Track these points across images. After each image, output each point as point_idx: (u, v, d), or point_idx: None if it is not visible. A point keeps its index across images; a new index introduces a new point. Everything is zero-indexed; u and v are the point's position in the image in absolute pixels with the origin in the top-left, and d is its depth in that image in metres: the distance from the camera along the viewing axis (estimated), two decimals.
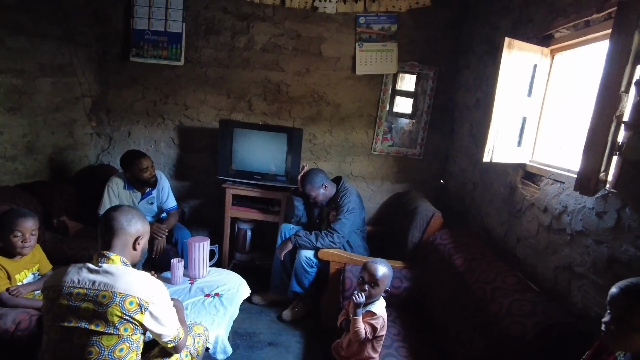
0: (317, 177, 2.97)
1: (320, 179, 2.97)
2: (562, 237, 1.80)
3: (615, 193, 1.48)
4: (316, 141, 3.61)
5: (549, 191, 1.94)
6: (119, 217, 1.53)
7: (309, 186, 2.95)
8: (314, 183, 2.95)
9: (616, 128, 1.45)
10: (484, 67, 2.92)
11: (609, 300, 1.12)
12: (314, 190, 2.95)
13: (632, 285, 1.09)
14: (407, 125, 4.77)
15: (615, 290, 1.11)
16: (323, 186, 2.97)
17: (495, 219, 2.53)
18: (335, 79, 3.50)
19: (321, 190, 2.96)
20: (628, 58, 1.22)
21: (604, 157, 1.27)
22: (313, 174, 2.99)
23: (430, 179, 3.66)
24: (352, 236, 2.94)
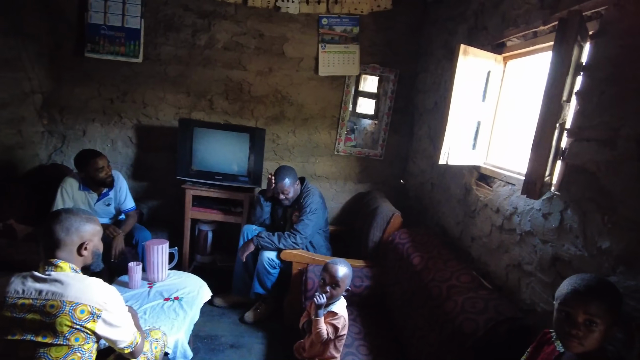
0: (292, 172, 2.96)
1: (294, 176, 2.97)
2: (512, 236, 1.89)
3: (559, 195, 1.58)
4: (279, 141, 3.61)
5: (501, 193, 2.04)
6: (55, 229, 1.45)
7: (286, 181, 2.91)
8: (290, 178, 2.93)
9: (559, 135, 1.55)
10: (442, 71, 3.01)
11: (567, 302, 1.14)
12: (289, 187, 2.92)
13: (592, 282, 1.14)
14: (370, 125, 4.85)
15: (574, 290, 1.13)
16: (296, 184, 2.97)
17: (451, 218, 2.62)
18: (298, 80, 3.51)
19: (294, 187, 2.95)
20: (568, 70, 1.30)
21: (549, 162, 1.35)
22: (290, 169, 2.97)
23: (391, 179, 3.74)
24: (315, 237, 2.96)
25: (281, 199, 2.95)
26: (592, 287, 1.13)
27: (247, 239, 3.00)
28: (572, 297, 1.14)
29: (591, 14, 1.52)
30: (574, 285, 1.15)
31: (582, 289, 1.13)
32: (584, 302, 1.11)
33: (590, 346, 1.12)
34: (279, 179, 2.92)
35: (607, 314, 1.10)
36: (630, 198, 1.28)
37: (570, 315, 1.13)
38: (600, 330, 1.10)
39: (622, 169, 1.32)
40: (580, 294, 1.13)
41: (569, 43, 1.26)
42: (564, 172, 1.56)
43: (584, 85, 1.49)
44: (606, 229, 1.36)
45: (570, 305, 1.14)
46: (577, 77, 1.50)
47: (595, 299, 1.11)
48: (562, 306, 1.16)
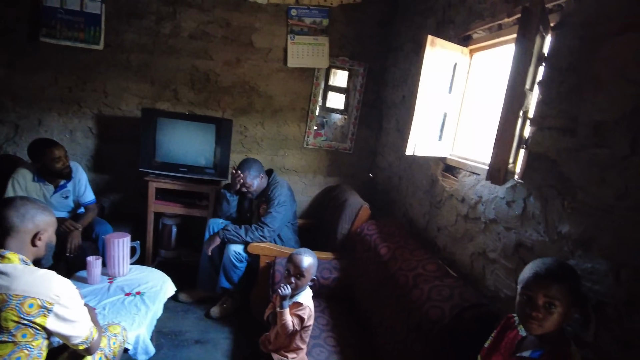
0: (256, 165, 2.90)
1: (258, 168, 2.91)
2: (477, 225, 1.92)
3: (522, 183, 1.62)
4: (247, 133, 3.54)
5: (466, 183, 2.07)
6: (9, 214, 1.36)
7: (247, 173, 2.85)
8: (252, 170, 2.87)
9: (523, 123, 1.58)
10: (410, 64, 3.04)
11: (529, 285, 1.17)
12: (251, 178, 2.87)
13: (552, 266, 1.17)
14: (340, 120, 4.84)
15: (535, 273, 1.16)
16: (260, 176, 2.91)
17: (418, 209, 2.65)
18: (267, 71, 3.45)
19: (257, 180, 2.89)
20: (531, 59, 1.32)
21: (512, 149, 1.38)
22: (252, 162, 2.92)
23: (360, 173, 3.75)
24: (283, 229, 2.93)
25: (244, 191, 2.90)
26: (552, 270, 1.16)
27: (213, 232, 2.93)
28: (533, 281, 1.17)
29: (552, 7, 1.56)
30: (535, 269, 1.19)
31: (543, 272, 1.16)
32: (544, 285, 1.15)
33: (549, 327, 1.15)
34: (240, 171, 2.86)
35: (565, 296, 1.13)
36: (588, 184, 1.32)
37: (531, 298, 1.17)
38: (559, 312, 1.14)
39: (580, 156, 1.36)
40: (540, 278, 1.16)
41: (532, 33, 1.28)
42: (527, 160, 1.60)
43: (546, 75, 1.52)
44: (566, 215, 1.40)
45: (531, 289, 1.17)
46: (540, 67, 1.54)
47: (554, 282, 1.14)
48: (523, 290, 1.20)
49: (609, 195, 1.23)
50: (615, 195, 1.21)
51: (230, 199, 2.96)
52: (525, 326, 1.19)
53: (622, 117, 1.21)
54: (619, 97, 1.23)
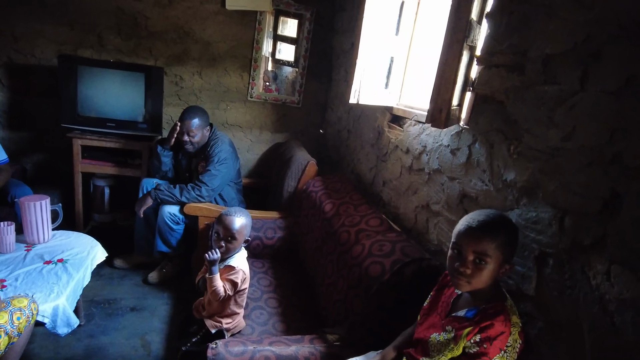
0: (204, 115, 2.64)
1: (205, 119, 2.64)
2: (421, 176, 1.81)
3: (468, 129, 1.49)
4: (183, 84, 3.22)
5: (411, 132, 1.93)
6: None
7: (195, 120, 2.58)
8: (201, 119, 2.61)
9: (469, 62, 1.42)
10: (358, 8, 2.79)
11: (459, 239, 1.08)
12: (197, 128, 2.60)
13: (487, 219, 1.06)
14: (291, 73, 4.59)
15: (467, 226, 1.07)
16: (205, 128, 2.65)
17: (365, 164, 2.51)
18: (203, 13, 3.10)
19: (200, 132, 2.63)
20: None
21: (456, 90, 1.22)
22: (202, 110, 2.65)
23: (310, 128, 3.55)
24: (225, 189, 2.72)
25: (185, 141, 2.61)
26: (485, 223, 1.06)
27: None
28: (464, 234, 1.08)
29: None
30: (467, 222, 1.09)
31: (475, 225, 1.07)
32: (474, 239, 1.05)
33: (478, 285, 1.07)
34: (186, 117, 2.60)
35: (497, 251, 1.04)
36: (535, 125, 1.20)
37: (461, 252, 1.07)
38: (490, 269, 1.04)
39: (527, 95, 1.23)
40: (471, 231, 1.06)
41: None
42: (473, 104, 1.46)
43: (495, 5, 1.36)
44: (511, 161, 1.28)
45: (461, 243, 1.08)
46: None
47: (486, 235, 1.04)
48: (454, 243, 1.11)
49: (555, 136, 1.11)
50: (562, 136, 1.09)
51: (163, 156, 2.69)
52: (454, 282, 1.10)
53: (573, 47, 1.08)
54: (570, 25, 1.09)
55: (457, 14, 1.15)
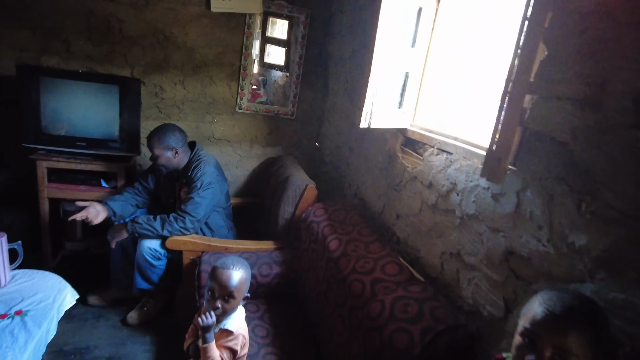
0: (171, 134, 2.30)
1: (173, 139, 2.30)
2: (450, 219, 1.52)
3: (515, 171, 1.21)
4: (164, 95, 2.88)
5: (434, 163, 1.65)
6: None
7: (155, 139, 2.27)
8: (163, 140, 2.26)
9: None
10: (360, 11, 2.50)
11: (535, 327, 0.82)
12: (159, 149, 2.27)
13: (573, 304, 0.82)
14: (281, 78, 4.28)
15: (546, 312, 0.82)
16: (173, 150, 2.30)
17: (372, 189, 2.22)
18: (185, 16, 2.76)
19: (168, 153, 2.29)
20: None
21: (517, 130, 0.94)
22: (167, 129, 2.32)
23: (304, 142, 3.24)
24: (212, 215, 2.40)
25: (152, 162, 2.35)
26: (571, 311, 0.81)
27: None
28: (542, 322, 0.82)
29: None
30: (546, 306, 0.83)
31: (558, 311, 0.81)
32: (557, 330, 0.80)
33: None
34: (148, 137, 2.30)
35: (586, 348, 0.79)
36: (620, 180, 0.93)
37: (536, 344, 0.81)
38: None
39: (607, 139, 0.96)
40: (553, 320, 0.81)
41: None
42: (523, 141, 1.18)
43: (557, 20, 1.07)
44: (583, 221, 1.01)
45: (538, 332, 0.82)
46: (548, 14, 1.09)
47: (572, 328, 0.79)
48: (527, 331, 0.84)
49: None
50: None
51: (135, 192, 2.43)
52: None
53: None
54: None
55: (525, 40, 0.86)
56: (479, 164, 1.40)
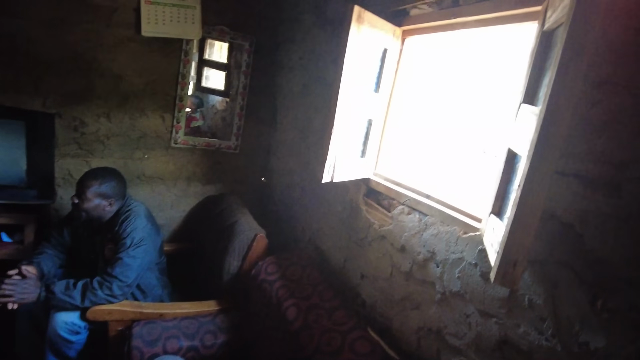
0: (114, 182, 1.96)
1: (114, 188, 1.95)
2: (428, 291, 1.35)
3: None
4: (86, 129, 2.47)
5: (406, 224, 1.47)
6: None
7: (92, 182, 1.89)
8: (102, 185, 1.91)
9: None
10: (312, 43, 2.33)
11: None
12: (92, 194, 1.89)
13: None
14: (220, 103, 4.00)
15: None
16: (109, 200, 1.94)
17: (330, 240, 2.02)
18: (111, 40, 2.40)
19: (102, 201, 1.93)
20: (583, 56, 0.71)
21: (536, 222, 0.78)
22: (112, 175, 1.98)
23: (250, 177, 2.97)
24: (144, 274, 2.04)
25: (74, 204, 1.91)
26: None
27: None
28: None
29: None
30: None
31: None
32: None
33: None
34: (87, 176, 1.93)
35: None
36: None
37: None
38: None
39: (627, 230, 0.83)
40: None
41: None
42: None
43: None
44: (599, 320, 0.87)
45: None
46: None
47: None
48: None
49: None
50: None
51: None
52: None
53: None
54: None
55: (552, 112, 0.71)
56: (461, 232, 1.24)
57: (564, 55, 0.69)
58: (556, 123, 0.72)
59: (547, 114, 0.72)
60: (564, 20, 0.82)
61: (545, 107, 0.71)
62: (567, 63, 0.70)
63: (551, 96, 0.71)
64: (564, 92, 0.71)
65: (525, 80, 1.01)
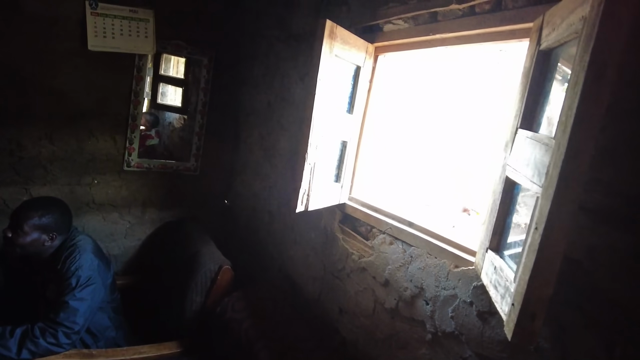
0: (57, 215, 1.73)
1: (56, 222, 1.72)
2: (416, 330, 1.23)
3: None
4: (24, 153, 2.20)
5: (389, 256, 1.36)
6: None
7: (30, 213, 1.66)
8: (42, 218, 1.68)
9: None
10: (276, 59, 2.20)
11: None
12: (30, 227, 1.65)
13: None
14: (177, 121, 3.81)
15: None
16: (50, 235, 1.70)
17: (303, 269, 1.87)
18: (53, 53, 2.15)
19: (41, 236, 1.68)
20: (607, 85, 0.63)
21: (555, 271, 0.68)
22: (54, 207, 1.75)
23: (211, 201, 2.77)
24: (94, 316, 1.80)
25: (6, 237, 1.66)
26: None
27: None
28: None
29: None
30: None
31: None
32: None
33: None
34: (24, 206, 1.72)
35: None
36: None
37: None
38: None
39: None
40: None
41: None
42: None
43: (566, 116, 0.87)
44: None
45: None
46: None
47: None
48: None
49: None
50: None
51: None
52: None
53: None
54: None
55: (574, 144, 0.62)
56: (451, 265, 1.14)
57: (587, 80, 0.60)
58: (578, 156, 0.63)
59: (569, 147, 0.62)
60: (571, 39, 0.75)
61: (568, 139, 0.62)
62: (589, 88, 0.61)
63: (573, 126, 0.62)
64: (586, 121, 0.62)
65: (520, 103, 0.93)
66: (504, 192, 0.94)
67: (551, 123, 0.84)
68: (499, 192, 0.96)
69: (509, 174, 0.92)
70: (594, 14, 0.62)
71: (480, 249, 1.03)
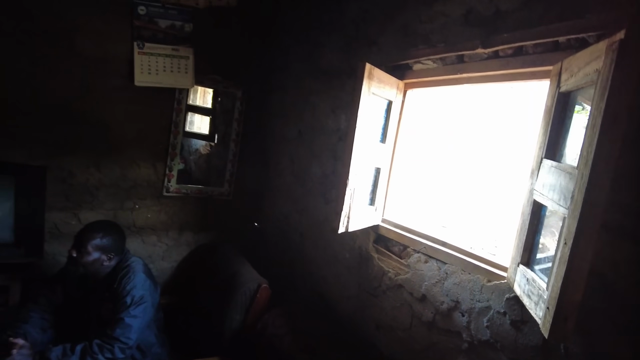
0: (116, 236, 1.89)
1: (115, 243, 1.88)
2: (453, 340, 1.35)
3: None
4: (73, 180, 2.38)
5: (425, 273, 1.49)
6: None
7: (94, 234, 1.81)
8: (104, 239, 1.83)
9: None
10: (307, 92, 2.38)
11: None
12: (93, 247, 1.80)
13: None
14: (204, 147, 3.99)
15: None
16: (109, 255, 1.86)
17: (337, 288, 2.00)
18: (103, 89, 2.36)
19: (102, 256, 1.83)
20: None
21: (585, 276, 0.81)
22: (114, 230, 1.91)
23: (242, 224, 2.92)
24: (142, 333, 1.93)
25: (72, 257, 1.80)
26: None
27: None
28: None
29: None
30: None
31: None
32: None
33: None
34: (88, 228, 1.85)
35: None
36: None
37: None
38: None
39: None
40: None
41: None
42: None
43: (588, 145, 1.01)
44: None
45: None
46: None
47: None
48: None
49: None
50: None
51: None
52: None
53: None
54: None
55: (601, 158, 0.75)
56: (485, 280, 1.27)
57: (604, 124, 0.75)
58: (599, 185, 0.77)
59: (590, 177, 0.76)
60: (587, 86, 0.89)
61: (590, 171, 0.76)
62: (605, 130, 0.75)
63: (594, 160, 0.76)
64: (604, 156, 0.76)
65: (544, 136, 1.07)
66: (532, 213, 1.08)
67: (572, 153, 0.98)
68: (528, 214, 1.09)
69: (537, 198, 1.06)
70: (606, 70, 0.77)
71: (512, 264, 1.16)
